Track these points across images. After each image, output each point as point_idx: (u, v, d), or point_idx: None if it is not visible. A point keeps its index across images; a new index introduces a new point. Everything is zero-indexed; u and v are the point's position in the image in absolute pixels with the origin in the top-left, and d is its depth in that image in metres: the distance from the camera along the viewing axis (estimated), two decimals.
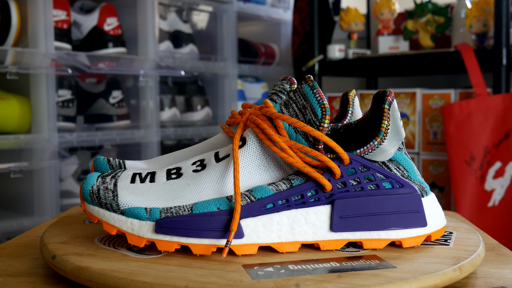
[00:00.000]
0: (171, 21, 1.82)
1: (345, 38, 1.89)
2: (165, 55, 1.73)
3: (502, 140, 1.36)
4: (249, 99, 2.07)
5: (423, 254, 0.45)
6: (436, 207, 0.49)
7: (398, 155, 0.48)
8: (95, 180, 0.46)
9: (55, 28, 1.41)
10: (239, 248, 0.44)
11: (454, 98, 1.45)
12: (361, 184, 0.46)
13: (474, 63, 1.38)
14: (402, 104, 1.54)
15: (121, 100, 1.64)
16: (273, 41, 2.21)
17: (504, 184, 1.36)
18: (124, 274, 0.39)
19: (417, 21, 1.61)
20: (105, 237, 0.49)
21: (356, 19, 1.73)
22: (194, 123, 1.87)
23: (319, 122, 0.45)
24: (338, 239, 0.46)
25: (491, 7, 1.43)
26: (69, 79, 1.54)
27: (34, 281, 0.43)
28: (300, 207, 0.45)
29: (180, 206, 0.44)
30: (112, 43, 1.56)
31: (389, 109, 0.46)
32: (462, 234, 0.52)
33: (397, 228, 0.46)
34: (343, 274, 0.40)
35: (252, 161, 0.46)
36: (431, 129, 1.50)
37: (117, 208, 0.44)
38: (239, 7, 1.94)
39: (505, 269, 0.46)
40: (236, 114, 0.58)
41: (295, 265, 0.42)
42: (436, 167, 1.50)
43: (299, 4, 2.01)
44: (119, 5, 1.64)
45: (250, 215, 0.44)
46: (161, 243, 0.44)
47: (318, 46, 1.73)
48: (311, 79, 0.46)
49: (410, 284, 0.38)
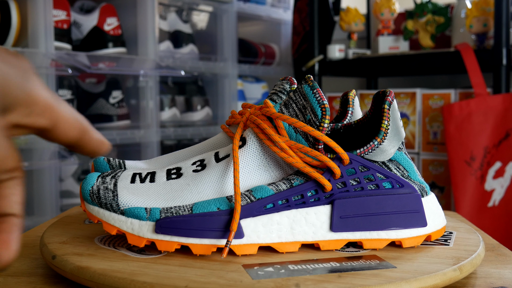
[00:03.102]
0: (171, 21, 1.82)
1: (345, 38, 1.89)
2: (165, 55, 1.73)
3: (502, 140, 1.36)
4: (249, 99, 2.07)
5: (423, 254, 0.45)
6: (436, 207, 0.49)
7: (398, 155, 0.48)
8: (95, 180, 0.46)
9: (55, 28, 1.41)
10: (239, 248, 0.44)
11: (454, 98, 1.45)
12: (361, 184, 0.46)
13: (474, 63, 1.38)
14: (402, 104, 1.54)
15: (121, 100, 1.64)
16: (273, 41, 2.21)
17: (504, 184, 1.36)
18: (124, 274, 0.39)
19: (417, 21, 1.61)
20: (105, 237, 0.49)
21: (356, 19, 1.73)
22: (194, 123, 1.87)
23: (319, 122, 0.45)
24: (338, 239, 0.46)
25: (491, 7, 1.43)
26: (69, 79, 1.54)
27: (34, 281, 0.43)
28: (300, 207, 0.45)
29: (180, 206, 0.44)
30: (112, 43, 1.56)
31: (389, 109, 0.46)
32: (462, 234, 0.52)
33: (397, 228, 0.46)
34: (343, 274, 0.40)
35: (252, 161, 0.46)
36: (431, 129, 1.50)
37: (117, 208, 0.44)
38: (239, 7, 1.94)
39: (505, 269, 0.46)
40: (236, 114, 0.58)
41: (295, 265, 0.42)
42: (436, 167, 1.50)
43: (299, 4, 2.01)
44: (119, 5, 1.64)
45: (250, 215, 0.44)
46: (161, 243, 0.44)
47: (318, 46, 1.73)
48: (311, 79, 0.46)
49: (410, 284, 0.38)
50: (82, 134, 0.30)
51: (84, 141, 0.31)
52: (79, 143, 0.31)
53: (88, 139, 0.31)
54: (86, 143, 0.31)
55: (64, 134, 0.29)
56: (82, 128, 0.30)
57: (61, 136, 0.29)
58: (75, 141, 0.30)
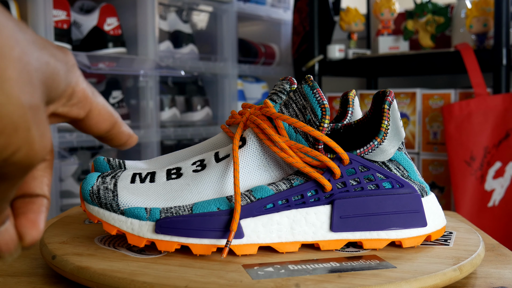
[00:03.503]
0: (171, 21, 1.82)
1: (345, 38, 1.89)
2: (165, 55, 1.73)
3: (502, 140, 1.36)
4: (249, 99, 2.07)
5: (423, 254, 0.45)
6: (436, 207, 0.49)
7: (398, 155, 0.48)
8: (95, 180, 0.46)
9: (55, 28, 1.41)
10: (239, 248, 0.44)
11: (454, 98, 1.45)
12: (361, 184, 0.46)
13: (474, 63, 1.38)
14: (402, 104, 1.54)
15: (121, 100, 1.63)
16: (273, 41, 2.21)
17: (504, 184, 1.36)
18: (124, 274, 0.39)
19: (417, 21, 1.61)
20: (105, 237, 0.49)
21: (356, 19, 1.73)
22: (194, 123, 1.87)
23: (319, 122, 0.45)
24: (338, 239, 0.46)
25: (491, 7, 1.43)
26: None
27: (34, 281, 0.43)
28: (300, 207, 0.45)
29: (180, 206, 0.44)
30: (112, 43, 1.56)
31: (389, 109, 0.46)
32: (462, 234, 0.52)
33: (397, 228, 0.46)
34: (343, 274, 0.40)
35: (252, 161, 0.46)
36: (431, 129, 1.50)
37: (117, 208, 0.44)
38: (239, 7, 1.94)
39: (505, 269, 0.46)
40: (236, 114, 0.58)
41: (295, 265, 0.42)
42: (436, 167, 1.50)
43: (299, 4, 2.01)
44: (119, 5, 1.64)
45: (250, 215, 0.44)
46: (161, 243, 0.44)
47: (318, 46, 1.73)
48: (311, 79, 0.46)
49: (410, 284, 0.38)
50: (113, 126, 0.31)
51: (114, 133, 0.32)
52: (109, 135, 0.32)
53: (117, 132, 0.32)
54: (115, 135, 0.32)
55: (96, 125, 0.30)
56: (113, 120, 0.31)
57: (93, 127, 0.30)
58: (106, 133, 0.31)
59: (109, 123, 0.31)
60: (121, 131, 0.32)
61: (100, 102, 0.30)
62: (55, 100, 0.27)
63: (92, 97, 0.29)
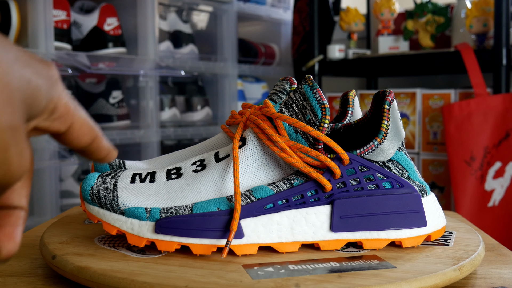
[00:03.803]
0: (171, 21, 1.82)
1: (345, 38, 1.89)
2: (165, 55, 1.73)
3: (502, 140, 1.36)
4: (249, 99, 2.07)
5: (423, 254, 0.45)
6: (436, 207, 0.49)
7: (398, 155, 0.48)
8: (95, 180, 0.46)
9: (55, 28, 1.41)
10: (239, 248, 0.44)
11: (454, 98, 1.45)
12: (361, 184, 0.46)
13: (474, 63, 1.38)
14: (402, 104, 1.54)
15: (121, 100, 1.64)
16: (273, 41, 2.21)
17: (504, 184, 1.36)
18: (124, 274, 0.39)
19: (417, 21, 1.61)
20: (105, 237, 0.49)
21: (356, 19, 1.73)
22: (194, 123, 1.87)
23: (319, 122, 0.45)
24: (338, 239, 0.46)
25: (491, 7, 1.43)
26: (69, 79, 1.54)
27: (34, 281, 0.43)
28: (300, 207, 0.45)
29: (180, 206, 0.44)
30: (112, 43, 1.56)
31: (389, 109, 0.46)
32: (462, 234, 0.52)
33: (397, 228, 0.46)
34: (343, 274, 0.40)
35: (252, 161, 0.46)
36: (431, 129, 1.50)
37: (117, 208, 0.44)
38: (239, 7, 1.94)
39: (505, 269, 0.46)
40: (236, 114, 0.58)
41: (295, 265, 0.42)
42: (436, 167, 1.50)
43: (299, 4, 2.01)
44: (119, 5, 1.64)
45: (250, 215, 0.44)
46: (161, 243, 0.44)
47: (318, 46, 1.73)
48: (311, 79, 0.46)
49: (410, 284, 0.38)
50: (93, 140, 0.31)
51: (94, 147, 0.32)
52: (89, 149, 0.32)
53: (97, 147, 0.32)
54: (95, 150, 0.32)
55: (77, 139, 0.30)
56: (94, 134, 0.31)
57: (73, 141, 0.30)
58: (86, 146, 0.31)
59: (90, 137, 0.31)
60: (101, 146, 0.32)
61: (82, 116, 0.30)
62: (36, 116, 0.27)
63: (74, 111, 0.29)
